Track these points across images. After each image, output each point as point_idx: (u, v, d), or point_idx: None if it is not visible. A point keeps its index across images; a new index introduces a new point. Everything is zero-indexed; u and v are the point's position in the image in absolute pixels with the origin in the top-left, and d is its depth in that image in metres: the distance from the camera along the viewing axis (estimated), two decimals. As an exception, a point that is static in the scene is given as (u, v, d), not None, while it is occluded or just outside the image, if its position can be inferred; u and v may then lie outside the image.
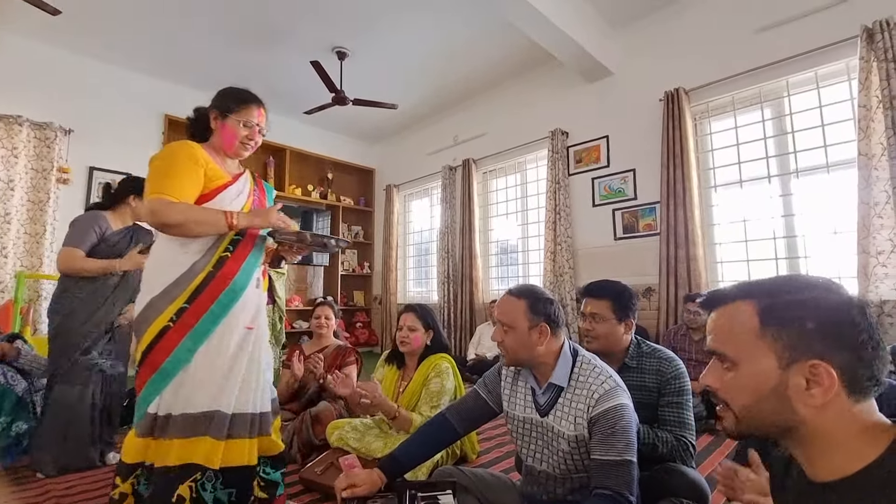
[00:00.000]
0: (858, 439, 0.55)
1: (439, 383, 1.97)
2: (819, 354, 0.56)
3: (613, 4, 3.74)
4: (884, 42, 2.66)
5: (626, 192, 3.94)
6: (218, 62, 4.54)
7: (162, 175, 1.34)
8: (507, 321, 1.26)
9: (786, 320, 0.59)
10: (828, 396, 0.55)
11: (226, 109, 1.50)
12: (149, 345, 1.31)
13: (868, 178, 2.70)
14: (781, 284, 0.63)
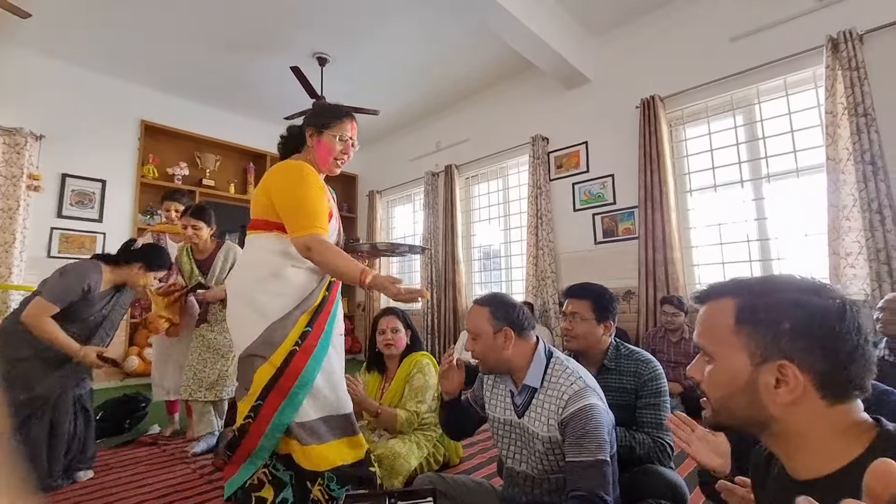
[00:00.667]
0: (838, 439, 0.56)
1: (422, 378, 1.99)
2: (789, 356, 0.57)
3: (591, 14, 3.82)
4: (847, 52, 2.77)
5: (605, 196, 4.00)
6: (196, 67, 4.49)
7: (311, 207, 1.39)
8: (474, 329, 1.31)
9: (760, 320, 0.60)
10: (793, 396, 0.56)
11: (321, 126, 1.52)
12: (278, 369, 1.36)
13: (836, 182, 2.79)
14: (767, 284, 0.63)
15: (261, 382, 1.36)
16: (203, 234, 2.51)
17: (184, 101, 5.13)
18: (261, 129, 5.70)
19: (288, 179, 1.42)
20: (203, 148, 5.30)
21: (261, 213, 1.46)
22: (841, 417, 0.56)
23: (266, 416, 1.35)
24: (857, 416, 0.57)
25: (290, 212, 1.40)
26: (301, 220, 1.38)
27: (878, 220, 2.62)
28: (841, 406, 0.56)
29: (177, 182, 4.96)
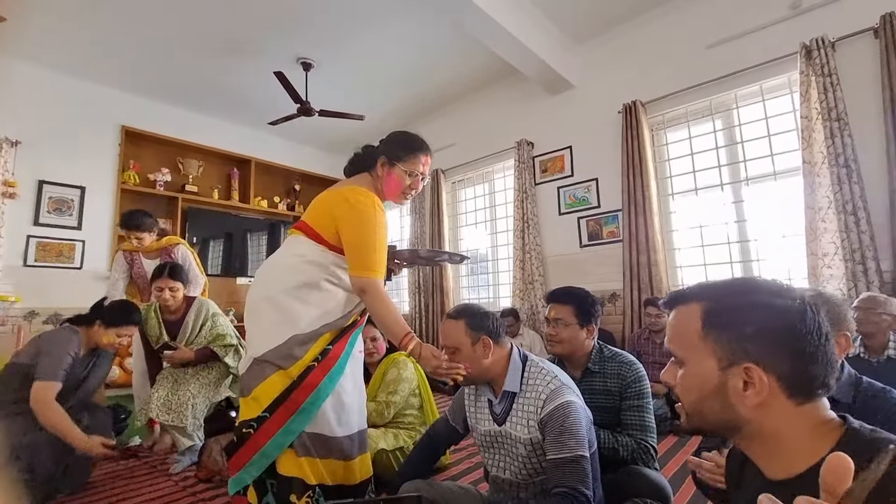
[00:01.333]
0: (807, 438, 0.57)
1: (395, 372, 2.03)
2: (755, 359, 0.58)
3: (574, 21, 3.88)
4: (820, 58, 2.85)
5: (589, 200, 4.05)
6: (178, 71, 4.43)
7: (372, 246, 1.37)
8: (452, 343, 1.31)
9: (724, 324, 0.61)
10: (761, 398, 0.57)
11: (395, 158, 1.51)
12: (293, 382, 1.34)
13: (812, 185, 2.87)
14: (729, 288, 0.64)
15: (272, 393, 1.32)
16: (179, 296, 2.42)
17: (165, 105, 5.06)
18: (245, 134, 5.65)
19: (361, 217, 1.38)
20: (186, 153, 5.23)
21: (318, 226, 1.44)
22: (809, 417, 0.58)
23: (269, 431, 1.30)
24: (825, 414, 0.58)
25: (355, 248, 1.38)
26: (365, 260, 1.37)
27: (853, 222, 2.69)
28: (808, 405, 0.58)
29: (158, 188, 4.89)
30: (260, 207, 5.68)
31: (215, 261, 5.37)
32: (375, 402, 1.95)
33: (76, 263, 4.33)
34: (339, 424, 1.40)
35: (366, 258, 1.37)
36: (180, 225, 4.98)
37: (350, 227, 1.38)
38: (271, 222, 5.89)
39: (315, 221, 1.45)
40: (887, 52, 2.66)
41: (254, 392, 1.33)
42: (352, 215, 1.39)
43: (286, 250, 1.48)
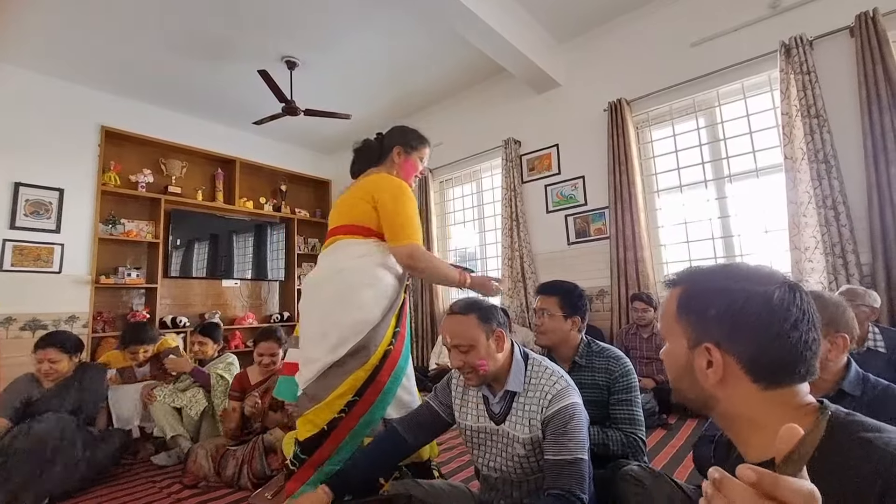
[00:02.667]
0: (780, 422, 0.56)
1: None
2: (715, 340, 0.61)
3: (559, 20, 3.89)
4: (799, 56, 2.91)
5: (576, 198, 4.07)
6: (160, 71, 4.35)
7: (414, 222, 1.56)
8: (465, 341, 1.22)
9: (693, 307, 0.65)
10: (718, 377, 0.60)
11: (411, 147, 1.75)
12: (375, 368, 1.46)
13: (794, 180, 2.92)
14: (707, 273, 0.68)
15: (357, 383, 1.43)
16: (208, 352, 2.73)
17: (147, 105, 4.96)
18: (229, 134, 5.57)
19: (395, 193, 1.56)
20: (168, 154, 5.14)
21: (361, 219, 1.57)
22: (779, 402, 0.59)
23: (359, 413, 1.43)
24: (799, 400, 0.59)
25: (395, 224, 1.53)
26: (406, 229, 1.53)
27: (833, 216, 2.74)
28: (778, 391, 0.59)
29: (140, 189, 4.79)
30: (245, 208, 5.61)
31: (200, 263, 5.28)
32: None
33: (55, 267, 4.22)
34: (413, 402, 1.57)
35: (406, 227, 1.53)
36: (163, 227, 4.89)
37: (388, 206, 1.54)
38: (258, 223, 5.81)
39: (354, 218, 1.59)
40: (863, 51, 2.72)
41: (338, 389, 1.42)
42: (387, 196, 1.55)
43: (337, 256, 1.59)
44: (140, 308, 4.72)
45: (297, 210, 6.22)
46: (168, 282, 5.00)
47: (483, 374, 1.23)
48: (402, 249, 1.52)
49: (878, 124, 2.66)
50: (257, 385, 2.39)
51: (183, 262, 5.11)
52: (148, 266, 4.87)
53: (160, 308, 4.78)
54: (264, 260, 5.80)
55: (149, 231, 4.88)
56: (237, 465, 2.08)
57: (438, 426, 1.41)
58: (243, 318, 5.45)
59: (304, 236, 6.36)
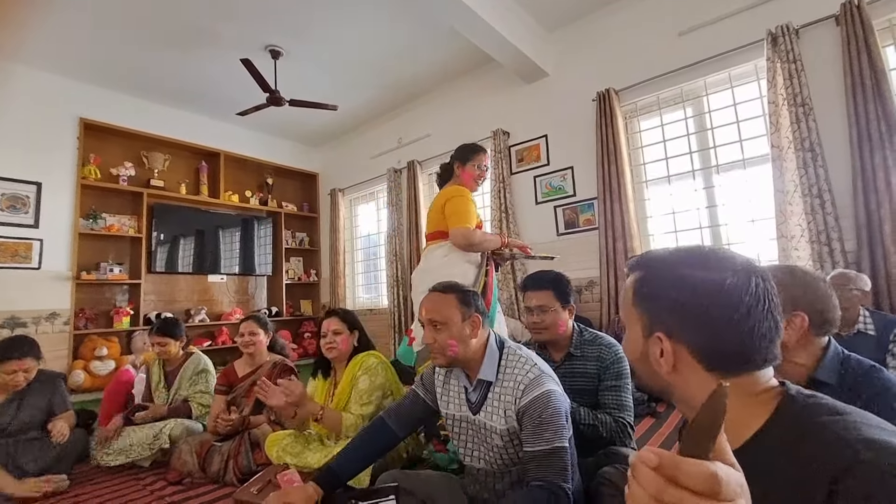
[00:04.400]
0: (739, 410, 0.57)
1: (367, 380, 1.87)
2: (666, 329, 0.60)
3: (547, 9, 3.86)
4: (785, 45, 2.91)
5: (565, 189, 4.06)
6: (141, 61, 4.24)
7: (464, 213, 2.09)
8: (440, 318, 1.22)
9: (647, 295, 0.64)
10: (668, 366, 0.60)
11: (465, 159, 2.27)
12: None
13: (780, 169, 2.93)
14: (662, 259, 0.65)
15: None
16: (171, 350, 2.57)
17: (127, 97, 4.84)
18: (213, 126, 5.46)
19: (449, 198, 2.15)
20: (150, 147, 5.02)
21: (438, 226, 2.18)
22: (737, 390, 0.57)
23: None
24: (758, 386, 0.58)
25: (449, 218, 2.11)
26: (454, 219, 2.08)
27: (818, 204, 2.76)
28: (733, 378, 0.57)
29: (122, 183, 4.68)
30: (231, 202, 5.51)
31: (186, 258, 5.19)
32: (352, 415, 1.80)
33: (34, 263, 4.11)
34: None
35: (453, 217, 2.09)
36: (146, 221, 4.79)
37: (446, 208, 2.13)
38: (244, 217, 5.73)
39: (434, 227, 2.22)
40: (848, 39, 2.73)
41: None
42: (449, 203, 2.13)
43: (428, 259, 2.23)
44: (124, 305, 4.62)
45: (284, 204, 6.13)
46: (152, 277, 4.90)
47: (451, 355, 1.21)
48: (454, 235, 2.05)
49: (863, 112, 2.67)
50: (245, 378, 2.35)
51: (168, 257, 5.02)
52: (131, 261, 4.77)
53: (144, 304, 4.69)
54: (251, 254, 5.73)
55: (131, 226, 4.78)
56: (223, 461, 2.04)
57: (425, 414, 1.40)
58: (230, 313, 5.37)
59: (291, 230, 6.29)
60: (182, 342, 2.62)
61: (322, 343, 1.97)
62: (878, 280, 2.60)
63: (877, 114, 2.64)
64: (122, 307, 4.57)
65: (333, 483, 1.27)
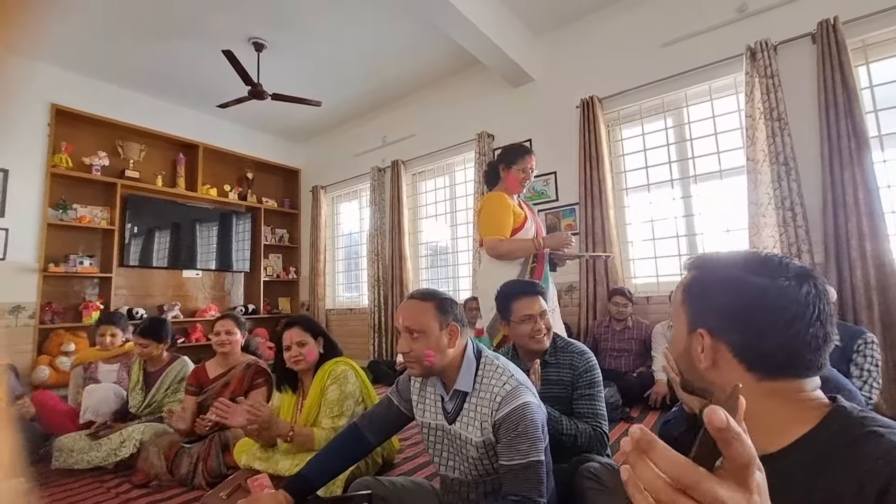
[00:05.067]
0: (780, 415, 0.57)
1: (336, 390, 1.81)
2: (709, 327, 0.63)
3: (535, 15, 3.88)
4: (764, 60, 2.99)
5: (548, 193, 4.09)
6: (118, 47, 4.10)
7: (492, 222, 2.16)
8: (417, 326, 1.18)
9: (695, 294, 0.67)
10: (709, 362, 0.62)
11: (510, 162, 2.23)
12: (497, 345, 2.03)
13: (755, 182, 3.01)
14: (718, 261, 0.68)
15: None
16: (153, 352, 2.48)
17: (103, 83, 4.67)
18: (192, 117, 5.33)
19: (483, 206, 2.25)
20: (126, 136, 4.87)
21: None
22: (778, 393, 0.58)
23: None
24: (804, 394, 0.58)
25: (482, 226, 2.21)
26: (483, 230, 2.20)
27: (791, 217, 2.84)
28: (777, 382, 0.58)
29: (95, 173, 4.52)
30: (209, 196, 5.39)
31: (161, 252, 5.05)
32: (323, 430, 1.74)
33: (-2, 254, 3.94)
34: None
35: (483, 227, 2.20)
36: (120, 213, 4.64)
37: (481, 216, 2.24)
38: (222, 212, 5.60)
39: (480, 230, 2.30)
40: (823, 57, 2.82)
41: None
42: (481, 210, 2.25)
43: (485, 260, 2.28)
44: (93, 299, 4.47)
45: (264, 199, 6.03)
46: (125, 271, 4.76)
47: (427, 365, 1.19)
48: (486, 246, 2.15)
49: (835, 129, 2.76)
50: (217, 379, 2.29)
51: (142, 250, 4.88)
52: (102, 254, 4.62)
53: (115, 299, 4.55)
54: (229, 250, 5.61)
55: (103, 217, 4.62)
56: (192, 463, 1.99)
57: (399, 422, 1.38)
58: (205, 309, 5.25)
59: (271, 226, 6.18)
60: (166, 344, 2.53)
61: (287, 356, 1.86)
62: (844, 292, 2.69)
63: (848, 131, 2.72)
64: (91, 301, 4.42)
65: (304, 490, 1.24)
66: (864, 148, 2.67)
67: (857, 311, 2.64)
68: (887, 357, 2.54)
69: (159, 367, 2.50)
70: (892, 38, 2.79)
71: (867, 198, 2.65)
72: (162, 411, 2.41)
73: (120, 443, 2.17)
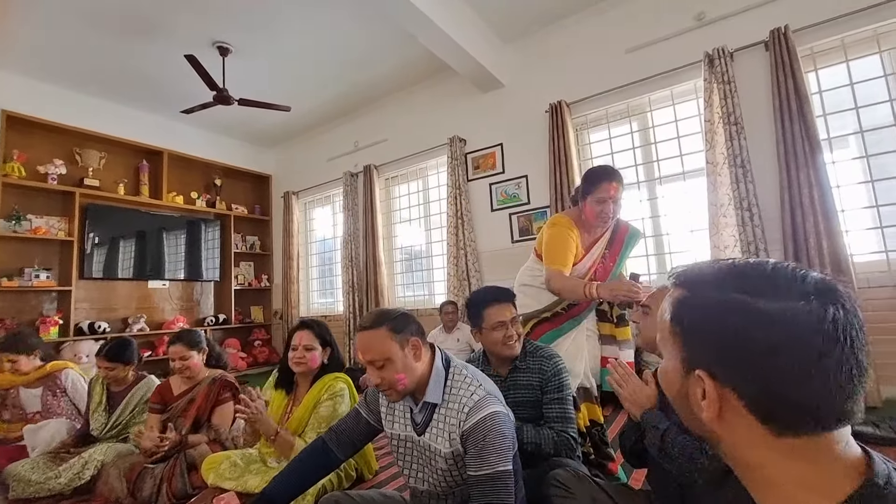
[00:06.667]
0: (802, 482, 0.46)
1: (331, 406, 1.80)
2: (710, 368, 0.48)
3: (504, 21, 3.92)
4: (721, 66, 3.10)
5: (520, 197, 4.14)
6: (75, 51, 3.94)
7: (553, 250, 1.93)
8: (379, 356, 1.15)
9: (688, 323, 0.52)
10: (712, 413, 0.48)
11: (585, 192, 1.93)
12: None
13: (714, 183, 3.11)
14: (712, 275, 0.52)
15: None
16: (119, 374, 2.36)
17: (59, 89, 4.49)
18: (155, 123, 5.17)
19: (547, 229, 2.01)
20: (84, 143, 4.68)
21: (539, 247, 2.07)
22: (802, 453, 0.45)
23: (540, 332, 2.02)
24: (834, 452, 0.45)
25: (544, 252, 1.98)
26: (549, 258, 1.94)
27: (748, 217, 2.95)
28: (798, 439, 0.45)
29: (51, 182, 4.33)
30: (175, 203, 5.23)
31: (126, 263, 4.86)
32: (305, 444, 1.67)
33: (-56, 269, 3.72)
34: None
35: (547, 255, 1.95)
36: (78, 223, 4.45)
37: (544, 237, 2.00)
38: (190, 220, 5.44)
39: (538, 244, 2.11)
40: (776, 64, 2.94)
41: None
42: (544, 231, 2.03)
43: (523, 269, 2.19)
44: (52, 314, 4.27)
45: (233, 206, 5.89)
46: (86, 284, 4.57)
47: (402, 388, 1.17)
48: (547, 271, 1.94)
49: (790, 132, 2.88)
50: (181, 396, 2.21)
51: (105, 261, 4.69)
52: (60, 267, 4.42)
53: (76, 313, 4.36)
54: (198, 259, 5.45)
55: (61, 228, 4.43)
56: (155, 485, 1.91)
57: (367, 435, 1.36)
58: (172, 321, 5.09)
59: (241, 234, 6.04)
60: (133, 366, 2.40)
61: (291, 356, 1.88)
62: (801, 288, 2.80)
63: (801, 134, 2.85)
64: (49, 316, 4.22)
65: None
66: (816, 150, 2.80)
67: (813, 306, 2.75)
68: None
69: (124, 387, 2.38)
70: (838, 46, 2.94)
71: (822, 197, 2.78)
72: (127, 432, 2.32)
73: (82, 465, 2.07)
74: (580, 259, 1.97)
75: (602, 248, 2.02)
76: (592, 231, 2.00)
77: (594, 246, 2.01)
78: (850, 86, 2.91)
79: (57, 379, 2.58)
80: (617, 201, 1.88)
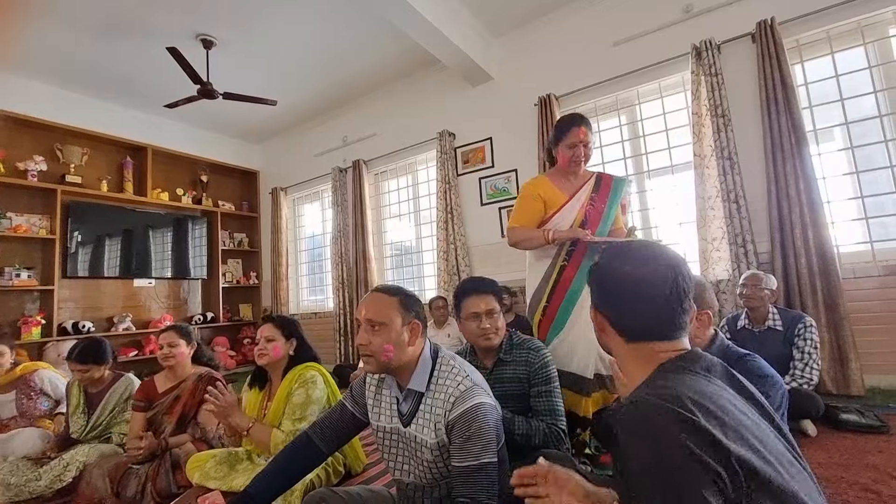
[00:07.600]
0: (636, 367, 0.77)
1: (303, 394, 1.78)
2: (597, 306, 0.83)
3: (493, 15, 3.89)
4: (708, 59, 3.10)
5: (509, 191, 4.12)
6: (54, 44, 3.84)
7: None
8: (380, 318, 1.16)
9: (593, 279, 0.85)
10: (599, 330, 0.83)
11: (557, 140, 2.03)
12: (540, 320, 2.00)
13: (702, 176, 3.12)
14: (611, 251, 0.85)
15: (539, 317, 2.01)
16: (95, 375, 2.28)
17: (39, 84, 4.38)
18: (139, 118, 5.07)
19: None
20: (66, 139, 4.58)
21: None
22: (638, 354, 0.77)
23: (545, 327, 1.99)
24: (654, 354, 0.75)
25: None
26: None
27: (735, 209, 2.97)
28: (636, 344, 0.77)
29: (31, 179, 4.23)
30: (160, 200, 5.14)
31: (111, 261, 4.78)
32: (283, 433, 1.70)
33: (-80, 269, 3.62)
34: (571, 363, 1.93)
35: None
36: (60, 221, 4.36)
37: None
38: (176, 217, 5.36)
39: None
40: (763, 56, 2.95)
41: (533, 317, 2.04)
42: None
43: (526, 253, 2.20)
44: (34, 314, 4.19)
45: (220, 202, 5.81)
46: (70, 283, 4.48)
47: (384, 360, 1.16)
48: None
49: (776, 124, 2.90)
50: (167, 393, 2.17)
51: (91, 260, 4.60)
52: (42, 266, 4.32)
53: (59, 313, 4.28)
54: (184, 256, 5.38)
55: (43, 226, 4.33)
56: (140, 484, 1.87)
57: (353, 428, 1.34)
58: (159, 320, 5.01)
59: (228, 231, 5.97)
60: (108, 365, 2.33)
61: (255, 349, 1.89)
62: (790, 279, 2.83)
63: (787, 126, 2.87)
64: (31, 317, 4.14)
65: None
66: (802, 142, 2.82)
67: (803, 295, 2.78)
68: (831, 338, 2.69)
69: (101, 387, 2.31)
70: (823, 38, 2.96)
71: (808, 189, 2.80)
72: (109, 433, 2.27)
73: (63, 467, 2.03)
74: (566, 202, 2.00)
75: (588, 191, 2.05)
76: (572, 178, 2.06)
77: (579, 190, 2.04)
78: (835, 78, 2.93)
79: (30, 381, 2.53)
80: (588, 145, 1.98)
